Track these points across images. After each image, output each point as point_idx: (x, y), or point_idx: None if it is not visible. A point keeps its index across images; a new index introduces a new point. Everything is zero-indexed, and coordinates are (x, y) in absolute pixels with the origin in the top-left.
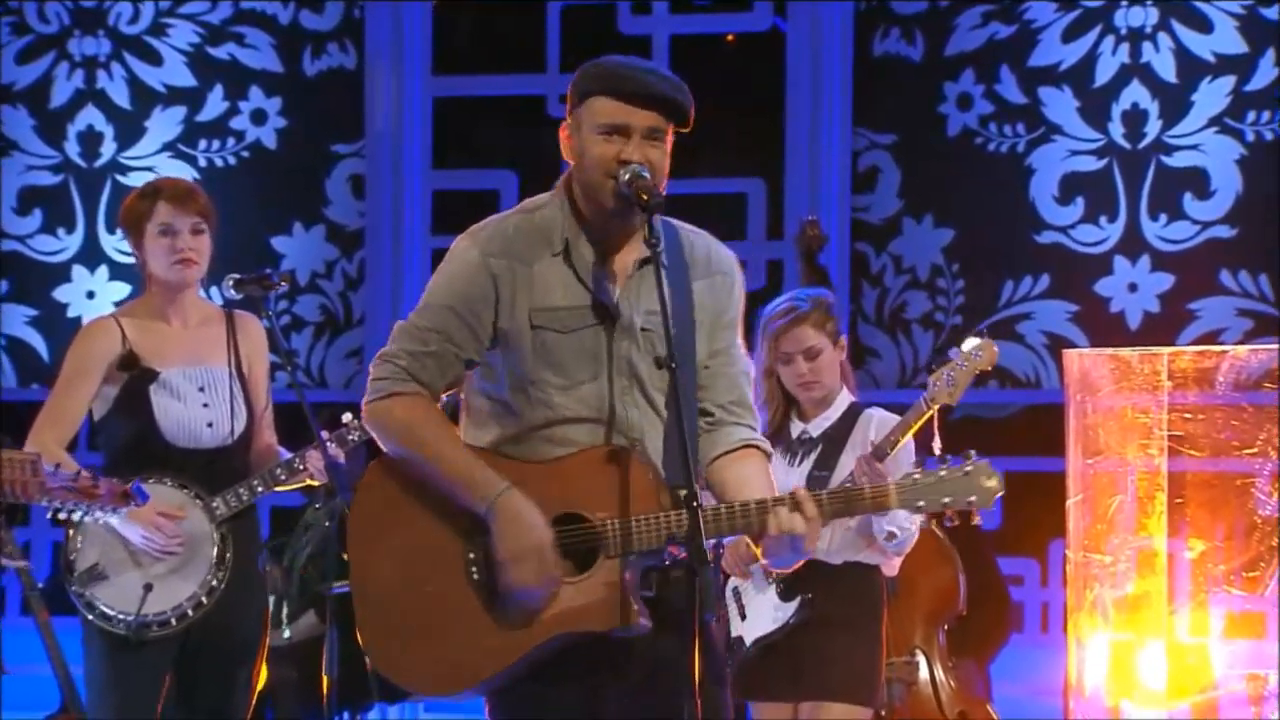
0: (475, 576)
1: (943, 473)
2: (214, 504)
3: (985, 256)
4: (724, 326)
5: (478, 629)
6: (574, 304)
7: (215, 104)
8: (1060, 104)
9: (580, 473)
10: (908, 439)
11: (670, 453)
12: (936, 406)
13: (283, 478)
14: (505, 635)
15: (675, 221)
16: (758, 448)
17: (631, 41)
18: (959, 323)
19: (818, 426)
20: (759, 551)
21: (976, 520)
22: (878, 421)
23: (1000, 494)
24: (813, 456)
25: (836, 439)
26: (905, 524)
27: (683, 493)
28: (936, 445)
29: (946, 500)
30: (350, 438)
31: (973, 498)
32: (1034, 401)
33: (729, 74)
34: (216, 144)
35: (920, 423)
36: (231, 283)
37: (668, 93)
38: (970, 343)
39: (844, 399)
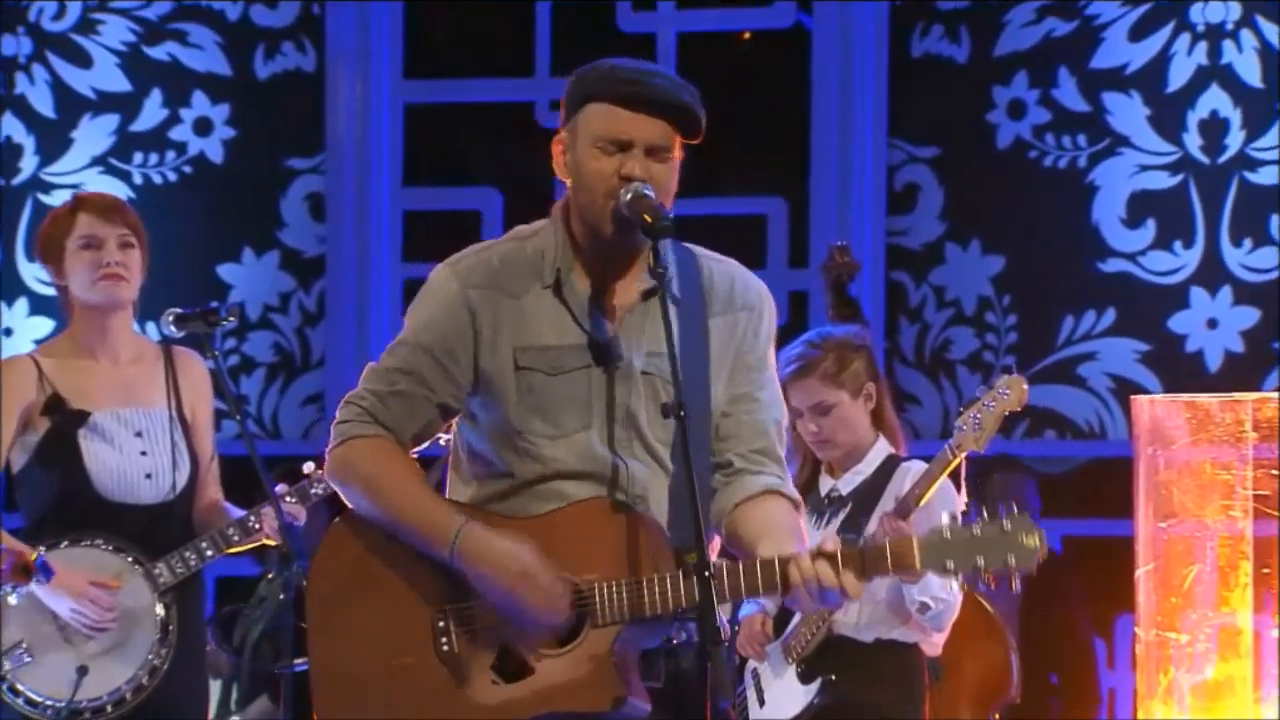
0: (445, 648)
1: (976, 529)
2: (156, 570)
3: (1041, 288)
4: (747, 368)
5: (449, 709)
6: (564, 342)
7: (153, 112)
8: (1128, 112)
9: (568, 529)
10: (941, 491)
11: (678, 513)
12: (963, 454)
13: (235, 538)
14: (480, 715)
15: (695, 248)
16: (781, 493)
17: (633, 40)
18: (1011, 364)
19: (848, 483)
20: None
21: (1015, 587)
22: (914, 476)
23: (1042, 554)
24: (841, 515)
25: (869, 497)
26: (941, 593)
27: (692, 560)
28: (962, 499)
29: (980, 561)
30: (312, 491)
31: (1010, 558)
32: (1098, 455)
33: (745, 78)
34: (154, 157)
35: (945, 473)
36: (172, 318)
37: (677, 98)
38: (998, 380)
39: (879, 452)
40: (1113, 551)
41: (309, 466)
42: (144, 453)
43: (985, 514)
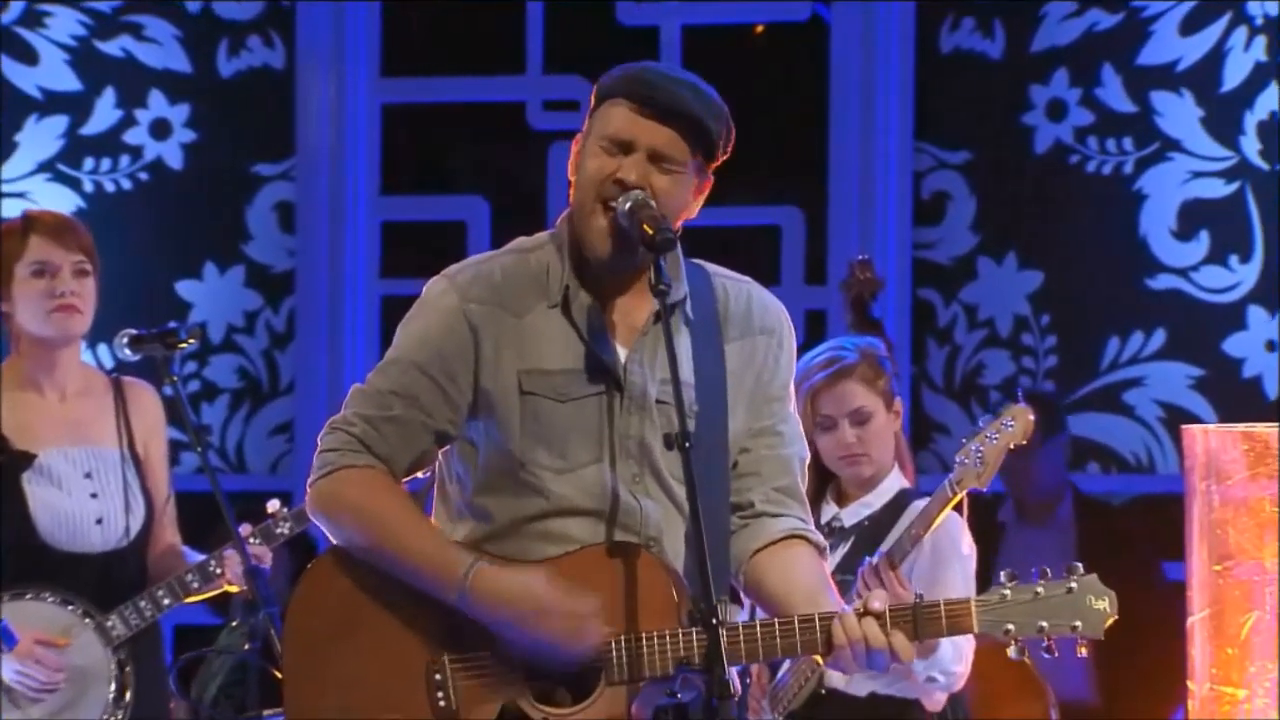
0: (441, 703)
1: (1040, 589)
2: (109, 623)
3: (1083, 306)
4: (768, 400)
5: None
6: (572, 366)
7: (106, 113)
8: (1179, 113)
9: (579, 576)
10: (948, 529)
11: (696, 557)
12: (964, 491)
13: (195, 585)
14: None
15: (710, 266)
16: (805, 538)
17: (634, 34)
18: (1050, 390)
19: (853, 514)
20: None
21: (1083, 652)
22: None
23: (1112, 619)
24: (840, 553)
25: (874, 534)
26: (951, 667)
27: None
28: (966, 543)
29: (1043, 625)
30: (278, 531)
31: (1077, 623)
32: (1146, 490)
33: (757, 75)
34: (107, 163)
35: (945, 512)
36: (126, 340)
37: (689, 107)
38: (1003, 409)
39: (893, 482)
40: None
41: (274, 504)
42: (94, 495)
43: (1048, 572)
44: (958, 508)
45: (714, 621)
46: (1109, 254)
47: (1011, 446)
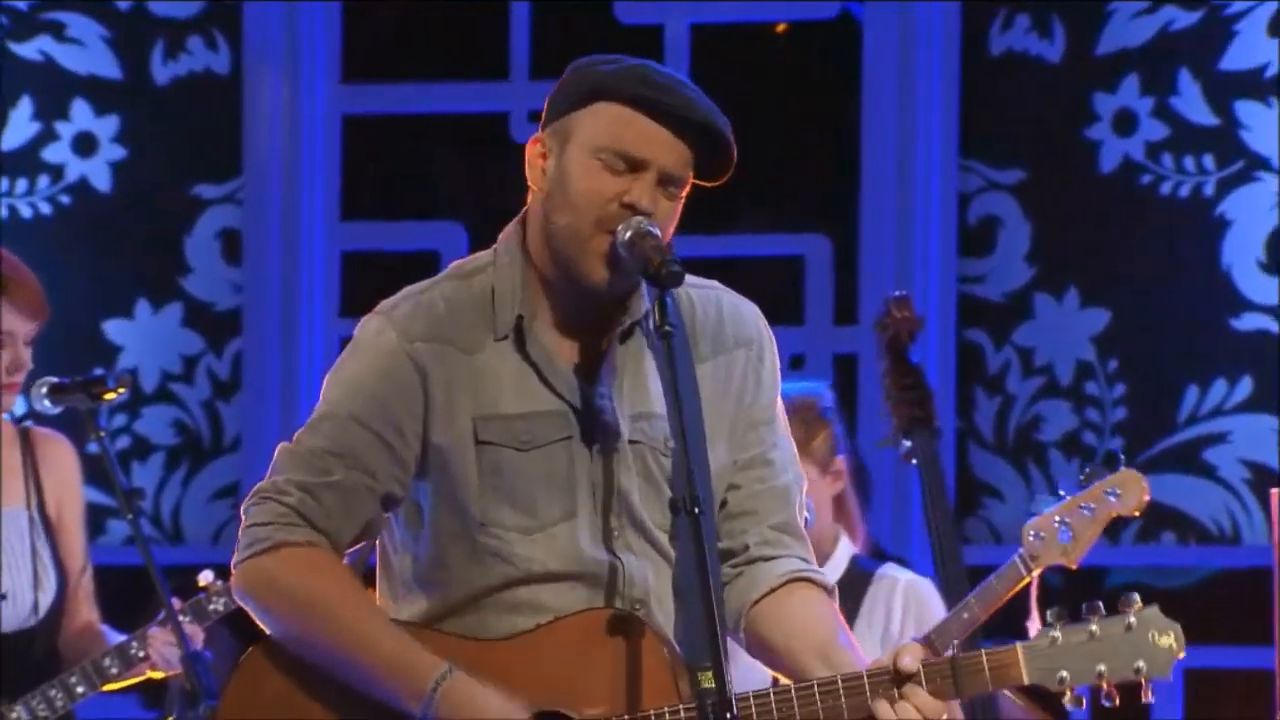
0: None
1: (1094, 628)
2: (14, 714)
3: (1157, 350)
4: (753, 424)
5: None
6: (532, 409)
7: (21, 126)
8: (1267, 126)
9: (559, 652)
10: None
11: (687, 617)
12: (1039, 569)
13: (114, 671)
14: None
15: None
16: (809, 580)
17: (634, 34)
18: (1118, 447)
19: None
20: None
21: (1148, 698)
22: (911, 594)
23: (1180, 658)
24: None
25: None
26: None
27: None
28: (1033, 626)
29: (1101, 668)
30: (210, 608)
31: (1140, 663)
32: (1230, 564)
33: (779, 82)
34: (23, 184)
35: (1010, 594)
36: (46, 390)
37: (714, 120)
38: (1104, 476)
39: (841, 554)
40: (1250, 687)
41: (206, 576)
42: None
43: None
44: (1025, 590)
45: (724, 689)
46: (1186, 289)
47: (1112, 519)
